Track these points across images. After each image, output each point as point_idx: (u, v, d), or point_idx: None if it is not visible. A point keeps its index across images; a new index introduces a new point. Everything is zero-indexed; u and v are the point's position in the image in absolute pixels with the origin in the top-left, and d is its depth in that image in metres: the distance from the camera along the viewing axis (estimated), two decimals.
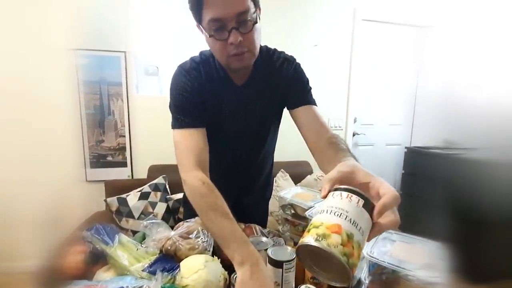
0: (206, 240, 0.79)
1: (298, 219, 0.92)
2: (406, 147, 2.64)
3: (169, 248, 0.73)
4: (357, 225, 0.37)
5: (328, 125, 0.80)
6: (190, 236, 0.77)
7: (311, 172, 2.27)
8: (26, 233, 1.91)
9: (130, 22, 1.98)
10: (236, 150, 0.92)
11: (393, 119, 2.86)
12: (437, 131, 3.09)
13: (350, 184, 0.41)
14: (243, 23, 0.67)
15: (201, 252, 0.75)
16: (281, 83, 0.85)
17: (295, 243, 0.75)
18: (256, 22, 0.70)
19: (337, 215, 0.37)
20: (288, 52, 1.04)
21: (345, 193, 0.39)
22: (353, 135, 2.72)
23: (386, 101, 2.80)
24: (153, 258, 0.71)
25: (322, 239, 0.35)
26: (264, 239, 0.67)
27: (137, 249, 0.74)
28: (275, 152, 1.07)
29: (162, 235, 0.75)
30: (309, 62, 2.41)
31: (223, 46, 0.70)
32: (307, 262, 0.41)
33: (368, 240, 0.39)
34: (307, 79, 0.88)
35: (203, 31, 0.72)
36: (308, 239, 0.36)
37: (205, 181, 0.70)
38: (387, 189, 0.40)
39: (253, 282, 0.53)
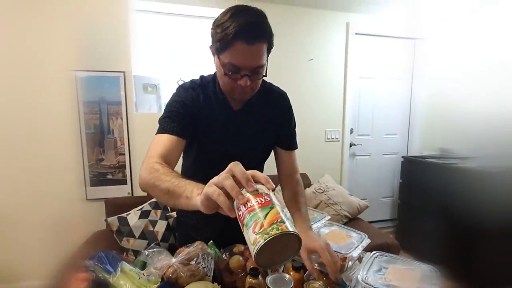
0: (206, 265, 0.81)
1: None
2: (402, 157, 2.68)
3: (170, 275, 0.75)
4: None
5: (297, 166, 1.04)
6: (191, 262, 0.79)
7: (309, 185, 2.29)
8: (27, 252, 1.92)
9: (129, 42, 2.02)
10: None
11: (389, 129, 2.91)
12: (433, 140, 3.10)
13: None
14: (256, 73, 0.77)
15: (201, 278, 0.77)
16: (277, 118, 0.96)
17: (294, 267, 0.77)
18: (265, 75, 0.80)
19: None
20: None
21: None
22: (350, 145, 2.75)
23: (381, 112, 2.85)
24: (155, 286, 0.73)
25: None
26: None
27: (139, 278, 0.75)
28: (272, 166, 1.11)
29: (163, 262, 0.76)
30: (305, 76, 2.49)
31: (232, 83, 0.78)
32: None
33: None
34: (295, 121, 1.02)
35: (218, 62, 0.78)
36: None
37: (162, 163, 0.71)
38: (325, 259, 0.73)
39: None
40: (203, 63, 2.07)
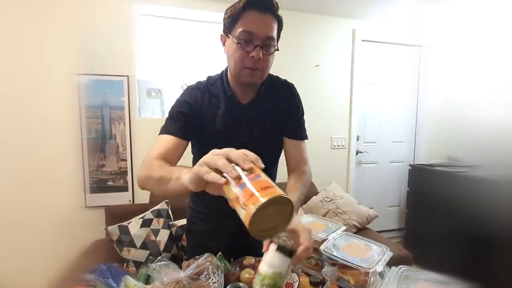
0: (217, 280, 0.75)
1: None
2: (410, 165, 2.62)
3: None
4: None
5: (307, 158, 0.99)
6: (201, 277, 0.73)
7: (316, 193, 2.22)
8: (22, 263, 1.83)
9: (133, 46, 1.99)
10: None
11: (395, 137, 2.86)
12: (440, 148, 3.02)
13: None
14: (267, 45, 0.78)
15: None
16: (284, 107, 0.93)
17: (312, 282, 0.71)
18: (276, 50, 0.81)
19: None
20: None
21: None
22: (356, 153, 2.69)
23: (388, 119, 2.81)
24: None
25: None
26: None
27: None
28: (279, 174, 1.06)
29: (171, 277, 0.70)
30: (311, 82, 2.46)
31: (243, 57, 0.77)
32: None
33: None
34: (303, 110, 0.99)
35: (231, 39, 0.79)
36: None
37: (159, 159, 0.73)
38: (303, 240, 0.62)
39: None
40: (207, 68, 2.04)
